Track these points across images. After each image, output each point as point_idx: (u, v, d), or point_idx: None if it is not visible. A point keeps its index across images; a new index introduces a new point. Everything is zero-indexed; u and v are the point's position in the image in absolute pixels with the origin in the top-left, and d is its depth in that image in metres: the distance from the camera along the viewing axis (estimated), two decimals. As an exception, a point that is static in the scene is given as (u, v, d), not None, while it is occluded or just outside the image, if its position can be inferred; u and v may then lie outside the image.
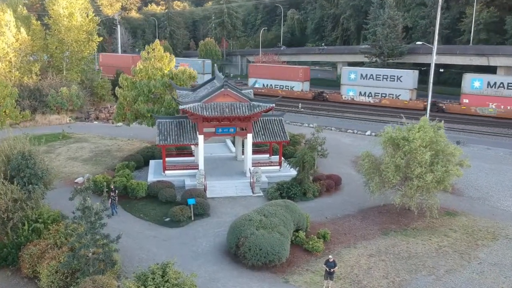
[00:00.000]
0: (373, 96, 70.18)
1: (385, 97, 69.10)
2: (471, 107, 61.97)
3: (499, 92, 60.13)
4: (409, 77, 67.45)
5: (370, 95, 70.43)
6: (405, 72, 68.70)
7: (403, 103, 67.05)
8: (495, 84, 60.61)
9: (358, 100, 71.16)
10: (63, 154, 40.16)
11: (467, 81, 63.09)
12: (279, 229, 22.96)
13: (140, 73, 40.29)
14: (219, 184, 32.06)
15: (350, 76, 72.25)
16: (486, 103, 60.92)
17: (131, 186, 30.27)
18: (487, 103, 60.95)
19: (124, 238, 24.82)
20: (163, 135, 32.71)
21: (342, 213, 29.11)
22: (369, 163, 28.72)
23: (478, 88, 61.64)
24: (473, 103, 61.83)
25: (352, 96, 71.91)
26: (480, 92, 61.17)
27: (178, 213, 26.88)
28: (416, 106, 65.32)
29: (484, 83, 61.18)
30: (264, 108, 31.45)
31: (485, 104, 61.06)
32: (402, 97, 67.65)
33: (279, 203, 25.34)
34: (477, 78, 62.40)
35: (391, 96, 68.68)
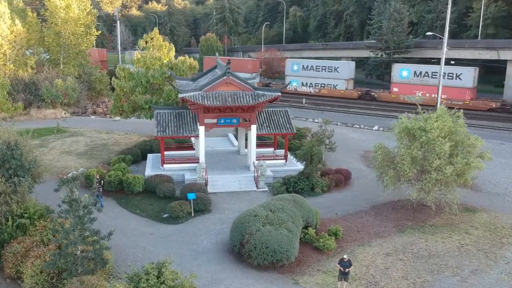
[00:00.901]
0: (314, 86, 74.46)
1: (324, 87, 73.46)
2: (399, 95, 65.76)
3: (424, 81, 64.21)
4: (345, 68, 72.38)
5: (311, 85, 74.78)
6: (341, 63, 73.80)
7: (339, 92, 71.46)
8: (421, 73, 64.71)
9: (301, 90, 75.40)
10: (56, 148, 38.20)
11: (396, 70, 67.05)
12: (287, 225, 20.96)
13: (138, 63, 38.34)
14: (221, 178, 30.07)
15: (293, 68, 76.78)
16: (413, 92, 64.79)
17: (127, 181, 28.29)
18: (414, 91, 64.89)
19: (118, 236, 22.93)
20: (161, 127, 30.72)
21: (353, 209, 27.10)
22: (383, 155, 26.69)
23: (406, 78, 65.58)
24: (402, 92, 65.64)
25: (295, 87, 75.99)
26: (408, 81, 65.17)
27: (177, 209, 24.90)
28: (351, 95, 70.32)
29: (411, 73, 65.17)
30: (269, 98, 29.44)
31: (412, 92, 64.97)
32: (339, 87, 72.01)
33: (286, 198, 23.33)
34: (405, 68, 66.48)
35: (329, 86, 73.19)
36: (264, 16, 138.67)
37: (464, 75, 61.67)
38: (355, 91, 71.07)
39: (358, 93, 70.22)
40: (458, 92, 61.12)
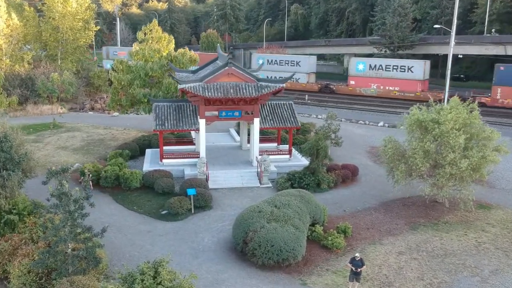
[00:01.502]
0: None
1: None
2: (356, 88, 67.25)
3: (379, 74, 66.05)
4: (306, 62, 73.69)
5: None
6: (303, 58, 74.82)
7: (301, 85, 72.46)
8: (375, 66, 66.41)
9: None
10: (52, 143, 36.86)
11: (352, 64, 69.00)
12: (293, 222, 19.61)
13: (136, 56, 36.99)
14: (222, 174, 28.71)
15: (258, 62, 75.09)
16: (369, 84, 66.55)
17: (124, 176, 26.94)
18: (369, 84, 66.61)
19: (113, 233, 21.65)
20: (160, 120, 29.36)
21: (362, 206, 25.74)
22: (393, 149, 25.32)
23: (362, 71, 67.05)
24: (358, 85, 67.14)
25: None
26: (363, 74, 66.71)
27: (176, 205, 23.56)
28: (312, 88, 71.68)
29: (367, 66, 66.75)
30: (273, 89, 28.08)
31: (368, 85, 66.67)
32: (301, 80, 72.90)
33: (292, 193, 21.98)
34: (361, 61, 68.35)
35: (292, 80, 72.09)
36: (265, 14, 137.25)
37: (415, 68, 63.77)
38: (316, 84, 72.90)
39: (319, 86, 72.14)
40: (410, 84, 63.25)
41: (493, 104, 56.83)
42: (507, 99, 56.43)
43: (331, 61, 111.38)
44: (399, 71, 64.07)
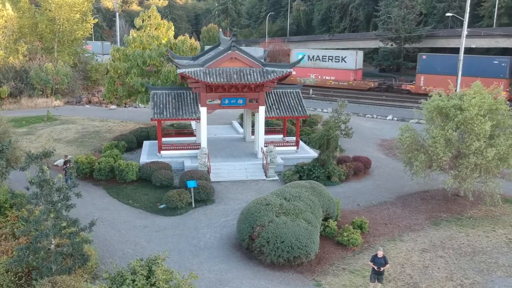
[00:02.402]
0: None
1: None
2: (297, 77, 68.09)
3: (316, 64, 69.31)
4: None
5: None
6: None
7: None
8: (314, 57, 69.56)
9: None
10: (45, 135, 34.84)
11: (293, 55, 71.01)
12: (305, 215, 17.59)
13: (133, 43, 34.99)
14: (225, 166, 26.71)
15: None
16: (308, 74, 69.59)
17: (119, 168, 24.94)
18: (309, 74, 69.68)
19: (106, 229, 19.68)
20: (158, 108, 27.36)
21: (377, 199, 23.71)
22: (411, 138, 23.27)
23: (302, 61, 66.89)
24: (299, 75, 68.17)
25: None
26: (303, 65, 66.15)
27: (175, 198, 21.55)
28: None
29: (306, 57, 68.20)
30: (280, 75, 26.07)
31: (307, 75, 69.56)
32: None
33: (303, 184, 19.94)
34: (301, 52, 69.20)
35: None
36: (267, 10, 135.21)
37: (348, 58, 66.84)
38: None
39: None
40: (344, 74, 66.74)
41: (417, 91, 60.55)
42: (429, 86, 59.02)
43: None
44: (334, 61, 67.71)
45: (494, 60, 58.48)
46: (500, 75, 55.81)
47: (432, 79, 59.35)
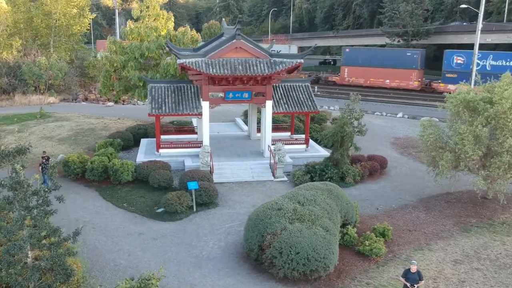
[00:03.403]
0: None
1: None
2: None
3: None
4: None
5: None
6: None
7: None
8: None
9: None
10: (36, 133, 32.72)
11: None
12: (322, 222, 15.41)
13: (130, 35, 32.80)
14: (229, 165, 24.53)
15: None
16: None
17: (114, 167, 22.77)
18: None
19: (97, 236, 17.51)
20: (156, 103, 25.18)
21: (397, 203, 21.52)
22: (435, 135, 21.08)
23: None
24: None
25: None
26: None
27: (175, 201, 19.36)
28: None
29: None
30: (289, 66, 23.88)
31: None
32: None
33: (317, 186, 17.74)
34: None
35: None
36: (269, 8, 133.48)
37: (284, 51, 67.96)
38: None
39: None
40: None
41: (342, 82, 65.37)
42: (352, 78, 65.00)
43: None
44: None
45: (407, 52, 62.90)
46: (413, 66, 61.24)
47: (355, 71, 64.43)
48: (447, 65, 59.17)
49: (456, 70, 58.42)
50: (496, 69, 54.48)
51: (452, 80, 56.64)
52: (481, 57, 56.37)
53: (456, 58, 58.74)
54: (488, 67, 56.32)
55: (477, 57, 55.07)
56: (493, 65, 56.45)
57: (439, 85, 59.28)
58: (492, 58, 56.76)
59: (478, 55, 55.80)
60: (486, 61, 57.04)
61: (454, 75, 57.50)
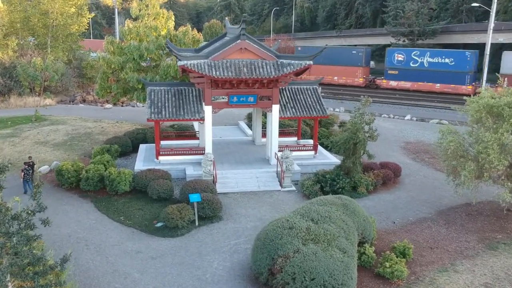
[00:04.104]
0: None
1: None
2: None
3: None
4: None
5: None
6: None
7: None
8: None
9: None
10: (30, 137, 31.21)
11: None
12: (339, 242, 13.91)
13: (129, 35, 31.30)
14: (233, 174, 23.03)
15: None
16: None
17: (110, 177, 21.27)
18: None
19: (90, 255, 16.02)
20: (156, 107, 23.69)
21: (414, 215, 20.03)
22: (455, 142, 19.56)
23: None
24: None
25: None
26: None
27: (175, 216, 17.86)
28: None
29: None
30: (298, 68, 22.38)
31: None
32: None
33: (331, 201, 16.24)
34: None
35: None
36: (270, 8, 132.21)
37: None
38: None
39: None
40: None
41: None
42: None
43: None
44: None
45: (353, 51, 64.59)
46: (358, 63, 62.94)
47: None
48: (389, 62, 61.23)
49: (397, 67, 60.88)
50: (433, 65, 58.83)
51: (394, 76, 60.25)
52: (419, 55, 59.81)
53: (397, 56, 60.93)
54: (426, 64, 59.17)
55: (415, 54, 60.26)
56: (430, 62, 59.01)
57: (382, 81, 62.09)
58: (429, 55, 59.22)
59: (416, 53, 60.78)
60: (424, 58, 59.41)
61: (395, 71, 60.81)
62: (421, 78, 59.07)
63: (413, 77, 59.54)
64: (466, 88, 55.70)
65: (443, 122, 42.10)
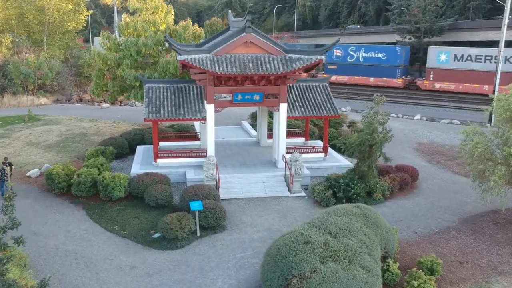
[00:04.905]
0: None
1: None
2: None
3: None
4: None
5: None
6: None
7: None
8: None
9: None
10: (22, 138, 29.49)
11: None
12: (362, 260, 12.15)
13: (126, 30, 29.53)
14: (238, 178, 21.26)
15: None
16: None
17: (103, 181, 19.51)
18: None
19: (79, 270, 14.28)
20: (154, 106, 21.93)
21: (436, 224, 18.27)
22: (483, 144, 17.78)
23: None
24: None
25: None
26: None
27: (175, 226, 16.08)
28: None
29: None
30: (308, 63, 20.59)
31: None
32: None
33: (351, 210, 14.45)
34: None
35: None
36: (272, 6, 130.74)
37: None
38: None
39: None
40: None
41: None
42: None
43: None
44: None
45: (297, 46, 63.93)
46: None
47: None
48: (329, 57, 62.37)
49: (335, 62, 63.37)
50: (367, 60, 61.48)
51: (333, 71, 60.77)
52: (355, 50, 62.53)
53: (335, 51, 63.07)
54: (361, 59, 61.78)
55: (352, 49, 62.96)
56: (364, 57, 61.59)
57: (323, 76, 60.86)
58: (364, 50, 61.99)
59: (353, 48, 63.19)
60: (359, 53, 62.05)
61: (334, 66, 63.05)
62: (357, 72, 61.64)
63: (350, 71, 62.12)
64: (397, 81, 59.02)
65: (455, 122, 40.44)
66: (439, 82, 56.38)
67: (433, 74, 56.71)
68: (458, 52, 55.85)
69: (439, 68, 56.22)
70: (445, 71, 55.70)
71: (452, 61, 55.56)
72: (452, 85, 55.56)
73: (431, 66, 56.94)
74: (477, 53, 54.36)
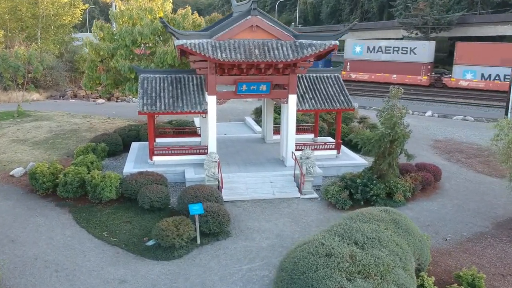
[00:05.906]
0: None
1: None
2: None
3: None
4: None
5: None
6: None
7: None
8: None
9: None
10: (8, 135, 27.39)
11: None
12: (396, 276, 10.03)
13: (121, 18, 27.46)
14: (243, 178, 19.14)
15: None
16: None
17: (92, 181, 17.41)
18: None
19: (60, 285, 12.14)
20: (149, 98, 19.82)
21: (468, 229, 16.16)
22: (521, 139, 15.71)
23: None
24: None
25: None
26: None
27: (171, 232, 13.95)
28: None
29: None
30: (320, 49, 18.50)
31: None
32: None
33: (377, 215, 12.32)
34: None
35: None
36: (272, 4, 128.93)
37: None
38: None
39: None
40: None
41: None
42: None
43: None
44: None
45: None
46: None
47: None
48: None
49: None
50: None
51: None
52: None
53: None
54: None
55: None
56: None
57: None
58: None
59: None
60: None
61: None
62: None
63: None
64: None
65: (468, 119, 38.49)
66: (355, 72, 60.59)
67: (350, 65, 61.12)
68: (371, 44, 60.88)
69: (355, 59, 60.87)
70: (359, 62, 60.44)
71: (365, 53, 60.27)
72: (365, 75, 59.91)
73: (348, 57, 61.31)
74: (386, 44, 59.94)
